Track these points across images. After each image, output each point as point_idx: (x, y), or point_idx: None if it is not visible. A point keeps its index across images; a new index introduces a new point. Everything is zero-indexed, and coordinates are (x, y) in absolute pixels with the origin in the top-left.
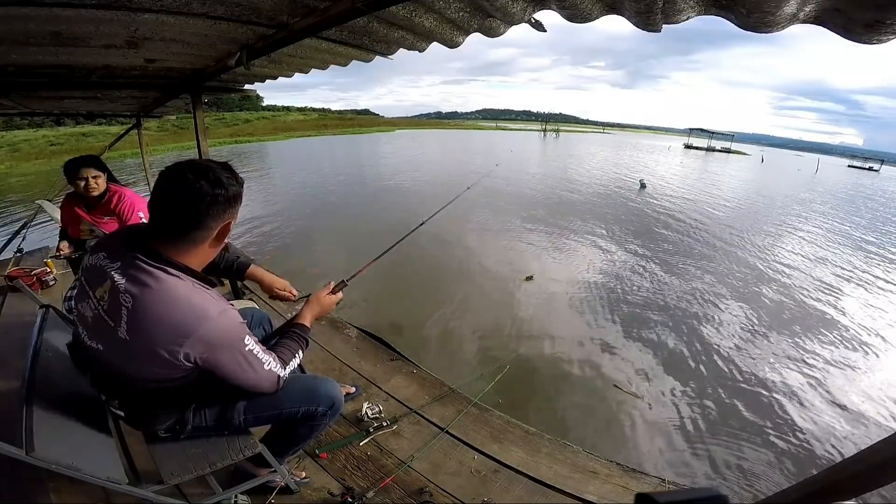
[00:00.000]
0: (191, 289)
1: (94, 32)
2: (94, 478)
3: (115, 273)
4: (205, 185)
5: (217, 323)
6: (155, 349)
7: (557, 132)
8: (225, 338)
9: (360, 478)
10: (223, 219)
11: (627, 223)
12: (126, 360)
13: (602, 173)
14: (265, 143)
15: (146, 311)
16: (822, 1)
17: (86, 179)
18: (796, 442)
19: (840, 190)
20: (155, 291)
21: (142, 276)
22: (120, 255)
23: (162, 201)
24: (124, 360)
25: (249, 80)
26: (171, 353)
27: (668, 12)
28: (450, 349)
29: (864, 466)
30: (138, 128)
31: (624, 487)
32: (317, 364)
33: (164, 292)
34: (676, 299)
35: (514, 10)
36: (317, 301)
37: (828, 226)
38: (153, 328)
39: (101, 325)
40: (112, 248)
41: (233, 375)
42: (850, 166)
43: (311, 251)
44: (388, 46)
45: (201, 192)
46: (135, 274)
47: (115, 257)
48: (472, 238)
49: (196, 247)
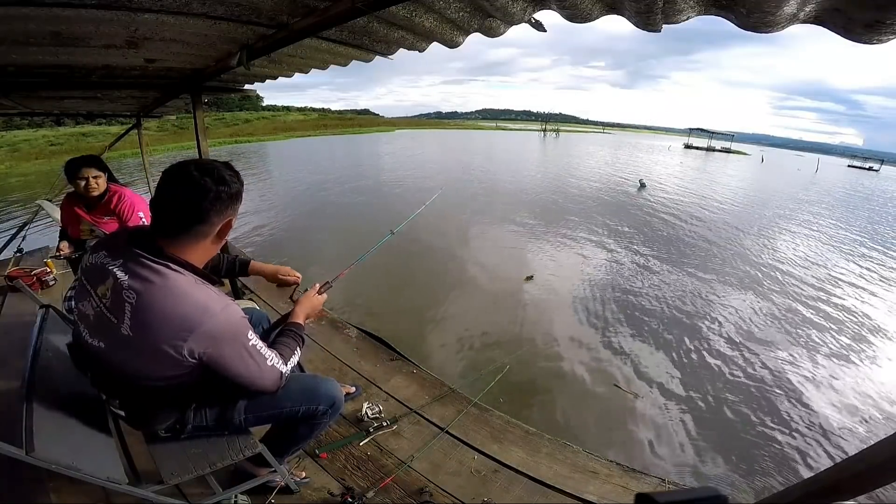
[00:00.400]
0: (193, 284)
1: (94, 32)
2: (94, 478)
3: (118, 270)
4: (209, 182)
5: (221, 318)
6: (159, 345)
7: (557, 132)
8: (229, 332)
9: (360, 478)
10: (225, 215)
11: (627, 223)
12: (128, 357)
13: (602, 173)
14: (265, 143)
15: (150, 306)
16: (822, 1)
17: (86, 179)
18: (796, 441)
19: (839, 190)
20: (158, 287)
21: (145, 273)
22: (121, 252)
23: (166, 198)
24: (126, 357)
25: (249, 80)
26: (175, 349)
27: (668, 12)
28: (450, 349)
29: (864, 466)
30: (138, 128)
31: (624, 487)
32: (317, 364)
33: (167, 288)
34: (676, 298)
35: (514, 10)
36: (308, 300)
37: (830, 229)
38: (157, 323)
39: (104, 323)
40: (113, 246)
41: (236, 371)
42: (849, 166)
43: (305, 249)
44: (388, 46)
45: (206, 188)
46: (137, 270)
47: (116, 255)
48: (472, 237)
49: (199, 243)
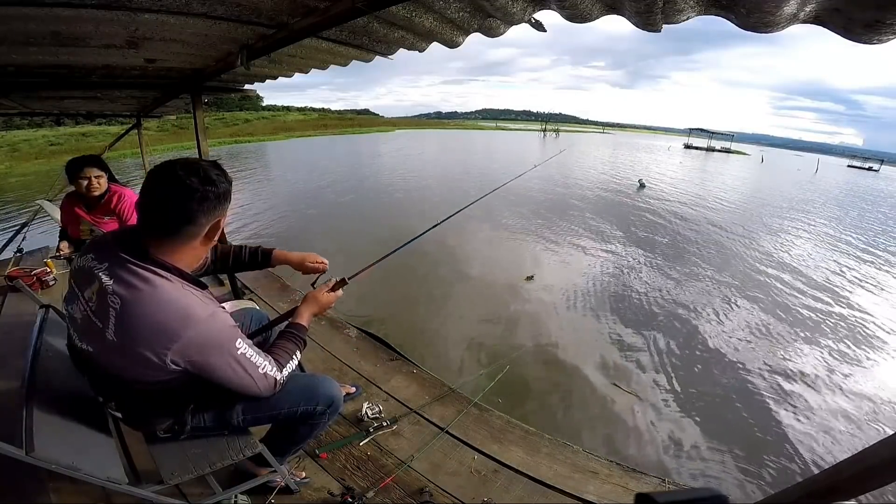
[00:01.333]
0: (180, 290)
1: (94, 32)
2: (94, 478)
3: (103, 274)
4: (195, 182)
5: (205, 326)
6: (142, 352)
7: (557, 132)
8: (215, 341)
9: (360, 478)
10: (214, 216)
11: (626, 222)
12: (116, 361)
13: (601, 173)
14: (265, 143)
15: (133, 312)
16: (822, 1)
17: (88, 179)
18: (796, 440)
19: (838, 190)
20: (142, 293)
21: (129, 278)
22: (107, 256)
23: (152, 199)
24: (114, 361)
25: (249, 80)
26: (158, 357)
27: (668, 12)
28: (450, 349)
29: (864, 467)
30: (138, 128)
31: (624, 487)
32: (317, 364)
33: (151, 294)
34: (675, 297)
35: (514, 10)
36: (314, 299)
37: (831, 231)
38: (140, 330)
39: (91, 327)
40: (100, 249)
41: (226, 379)
42: (849, 166)
43: (310, 248)
44: (388, 46)
45: (192, 188)
46: (122, 275)
47: (102, 258)
48: (472, 237)
49: (186, 244)
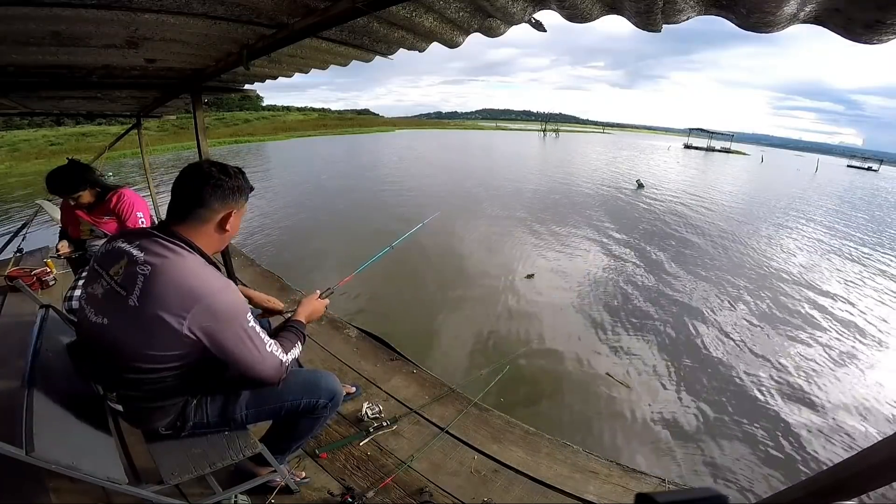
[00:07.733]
0: (201, 264)
1: (94, 32)
2: (94, 478)
3: (134, 249)
4: (213, 171)
5: (223, 296)
6: (162, 315)
7: (557, 132)
8: (230, 310)
9: (360, 478)
10: (226, 204)
11: (625, 222)
12: (130, 331)
13: (601, 173)
14: (265, 143)
15: (161, 277)
16: (822, 1)
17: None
18: (796, 439)
19: (838, 190)
20: (171, 261)
21: (160, 250)
22: (138, 237)
23: (178, 185)
24: (129, 331)
25: (249, 80)
26: (176, 320)
27: (668, 12)
28: (450, 349)
29: (865, 466)
30: (138, 128)
31: (624, 487)
32: (317, 364)
33: (178, 262)
34: (674, 296)
35: (514, 10)
36: (310, 303)
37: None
38: (165, 292)
39: (111, 297)
40: (130, 234)
41: (235, 351)
42: (849, 166)
43: (307, 251)
44: (388, 46)
45: (209, 174)
46: (153, 248)
47: (132, 240)
48: (471, 236)
49: (202, 227)
